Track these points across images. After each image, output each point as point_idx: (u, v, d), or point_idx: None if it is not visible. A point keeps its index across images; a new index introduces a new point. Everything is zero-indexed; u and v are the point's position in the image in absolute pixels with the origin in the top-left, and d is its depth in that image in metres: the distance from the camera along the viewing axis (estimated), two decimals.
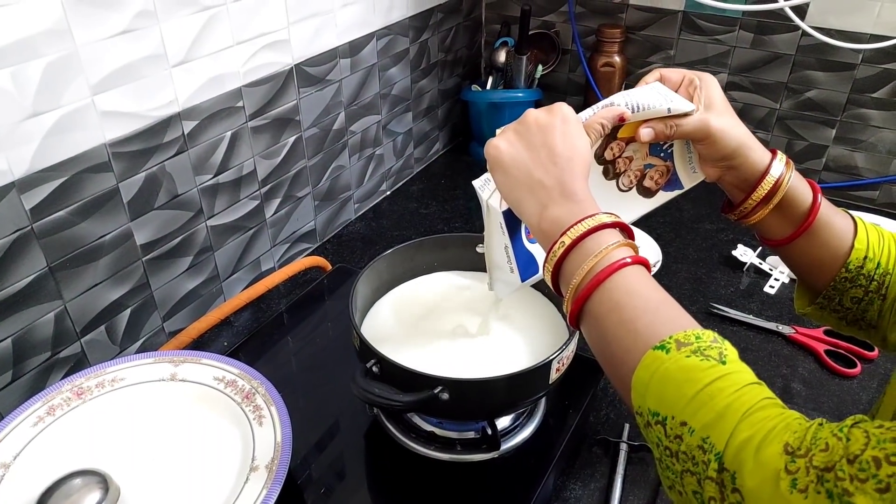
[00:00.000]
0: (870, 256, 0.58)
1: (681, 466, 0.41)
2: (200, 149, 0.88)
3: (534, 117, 0.55)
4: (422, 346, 0.75)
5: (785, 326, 0.98)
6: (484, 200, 0.61)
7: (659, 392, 0.42)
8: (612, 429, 0.81)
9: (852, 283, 0.58)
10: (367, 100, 1.18)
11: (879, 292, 0.58)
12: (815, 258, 0.60)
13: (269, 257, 1.08)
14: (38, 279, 0.73)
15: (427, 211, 1.29)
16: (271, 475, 0.61)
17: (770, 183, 0.58)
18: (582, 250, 0.49)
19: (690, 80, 0.60)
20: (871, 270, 0.58)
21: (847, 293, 0.59)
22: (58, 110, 0.70)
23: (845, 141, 1.28)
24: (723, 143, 0.57)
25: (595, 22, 1.40)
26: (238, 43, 0.89)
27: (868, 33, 1.17)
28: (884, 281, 0.58)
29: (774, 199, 0.58)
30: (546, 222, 0.51)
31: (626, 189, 0.63)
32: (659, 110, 0.57)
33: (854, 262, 0.58)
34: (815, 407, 0.85)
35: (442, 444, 0.74)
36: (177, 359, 0.74)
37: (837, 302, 0.60)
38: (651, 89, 0.60)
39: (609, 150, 0.61)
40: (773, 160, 0.58)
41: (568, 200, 0.51)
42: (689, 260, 1.14)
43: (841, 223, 0.59)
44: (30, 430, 0.66)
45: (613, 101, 0.58)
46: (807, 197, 0.59)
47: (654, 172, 0.63)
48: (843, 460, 0.35)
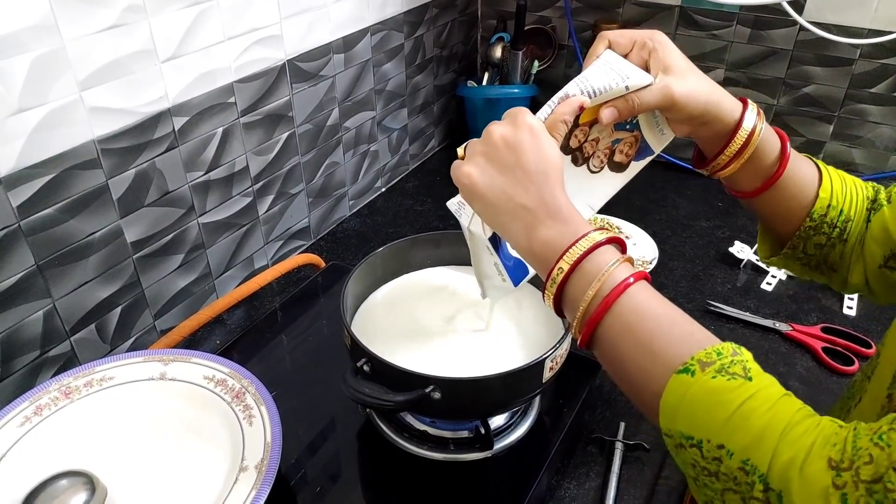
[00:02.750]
0: (833, 204, 0.59)
1: (721, 486, 0.41)
2: (191, 145, 0.87)
3: (500, 135, 0.51)
4: (414, 342, 0.74)
5: (782, 324, 0.97)
6: (465, 227, 0.60)
7: (690, 416, 0.42)
8: (607, 427, 0.80)
9: (816, 230, 0.60)
10: (362, 96, 1.18)
11: (841, 238, 0.60)
12: (781, 208, 0.61)
13: (263, 255, 1.07)
14: (26, 277, 0.73)
15: (422, 208, 1.28)
16: (261, 475, 0.60)
17: (743, 136, 0.57)
18: (582, 274, 0.47)
19: (643, 44, 0.58)
20: (833, 218, 0.59)
21: (810, 240, 0.61)
22: (45, 106, 0.69)
23: (843, 137, 1.27)
24: (690, 107, 0.56)
25: (591, 17, 1.39)
26: (229, 38, 0.88)
27: (866, 28, 1.16)
28: (846, 227, 0.60)
29: (747, 151, 0.58)
30: (537, 245, 0.50)
31: (597, 170, 0.62)
32: (616, 90, 0.56)
33: (818, 211, 0.59)
34: (812, 405, 0.84)
35: (435, 443, 0.73)
36: (166, 358, 0.73)
37: (801, 249, 0.62)
38: (604, 65, 0.58)
39: (574, 138, 0.59)
40: (745, 111, 0.57)
41: (554, 220, 0.49)
42: (686, 257, 1.13)
43: (807, 172, 0.60)
44: (16, 430, 0.65)
45: (568, 92, 0.56)
46: (775, 147, 0.59)
47: (623, 146, 0.61)
48: (889, 470, 0.35)
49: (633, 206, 1.24)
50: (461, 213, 0.61)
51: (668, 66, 0.56)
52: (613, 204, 0.64)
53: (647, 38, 0.58)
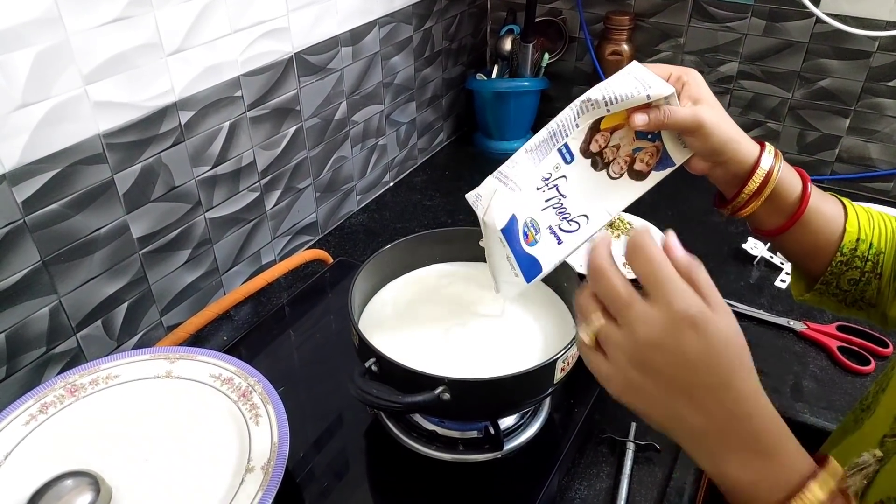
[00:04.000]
0: (862, 238, 0.59)
1: None
2: (198, 139, 0.86)
3: (678, 348, 0.38)
4: (423, 341, 0.73)
5: (796, 322, 0.95)
6: (480, 218, 0.60)
7: None
8: (618, 427, 0.79)
9: (848, 265, 0.59)
10: (370, 89, 1.16)
11: (875, 272, 0.59)
12: (809, 245, 0.61)
13: (270, 250, 1.06)
14: (32, 273, 0.72)
15: (431, 203, 1.27)
16: (267, 477, 0.60)
17: (761, 176, 0.58)
18: None
19: (678, 77, 0.59)
20: (864, 252, 0.59)
21: (843, 276, 0.60)
22: (49, 101, 0.68)
23: (859, 131, 1.25)
24: (714, 136, 0.57)
25: (603, 9, 1.36)
26: (236, 31, 0.87)
27: (884, 20, 1.13)
28: (878, 260, 0.59)
29: (766, 191, 0.58)
30: (728, 481, 0.40)
31: (616, 176, 0.62)
32: (638, 98, 0.56)
33: (847, 246, 0.59)
34: (827, 405, 0.83)
35: (444, 443, 0.72)
36: (172, 356, 0.73)
37: (835, 286, 0.61)
38: (628, 75, 0.58)
39: (594, 142, 0.60)
40: (763, 153, 0.58)
41: (752, 453, 0.38)
42: (698, 253, 1.10)
43: (831, 209, 0.60)
44: (21, 428, 0.65)
45: (591, 97, 0.57)
46: (796, 186, 0.59)
47: (644, 155, 0.61)
48: None
49: (644, 201, 1.21)
50: (478, 204, 0.61)
51: (698, 98, 0.57)
52: None
53: (682, 72, 0.59)
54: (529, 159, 0.61)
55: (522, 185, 0.60)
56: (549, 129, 0.60)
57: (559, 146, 0.60)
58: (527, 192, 0.60)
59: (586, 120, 0.59)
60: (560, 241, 0.61)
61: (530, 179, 0.60)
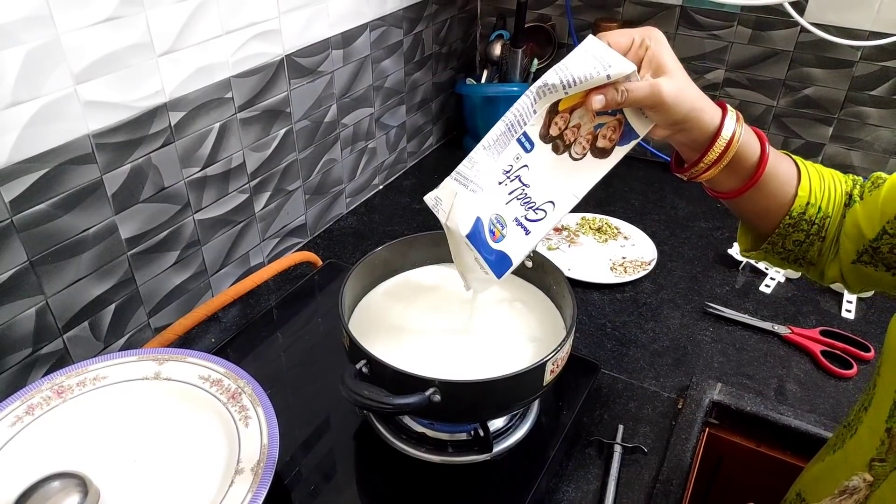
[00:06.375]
0: (812, 202, 0.60)
1: None
2: (188, 141, 0.86)
3: None
4: (413, 342, 0.73)
5: (780, 326, 0.97)
6: (443, 223, 0.59)
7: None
8: (606, 430, 0.80)
9: (795, 227, 0.61)
10: (360, 92, 1.16)
11: (819, 234, 0.61)
12: (760, 208, 0.61)
13: (259, 252, 1.06)
14: (19, 273, 0.71)
15: (420, 206, 1.27)
16: (257, 478, 0.60)
17: (723, 144, 0.57)
18: None
19: (640, 43, 0.56)
20: (812, 216, 0.60)
21: (790, 237, 0.61)
22: (38, 100, 0.68)
23: (842, 139, 1.27)
24: (675, 110, 0.55)
25: (592, 15, 1.38)
26: (227, 32, 0.86)
27: (867, 30, 1.15)
28: (824, 224, 0.61)
29: (726, 157, 0.58)
30: None
31: (579, 157, 0.60)
32: (597, 79, 0.54)
33: (797, 210, 0.60)
34: (810, 409, 0.84)
35: (433, 445, 0.72)
36: (161, 357, 0.72)
37: (780, 245, 0.63)
38: (585, 52, 0.55)
39: (554, 125, 0.58)
40: (725, 119, 0.57)
41: None
42: (685, 258, 1.13)
43: (786, 171, 0.60)
44: (7, 430, 0.64)
45: (547, 81, 0.55)
46: (755, 150, 0.59)
47: (607, 130, 0.59)
48: None
49: (632, 207, 1.24)
50: (438, 208, 0.59)
51: (660, 65, 0.55)
52: (611, 204, 0.64)
53: (644, 34, 0.56)
54: (488, 155, 0.59)
55: (483, 185, 0.59)
56: (505, 121, 0.58)
57: (518, 136, 0.58)
58: (489, 190, 0.59)
59: (543, 104, 0.57)
60: (528, 232, 0.60)
61: (491, 176, 0.59)
